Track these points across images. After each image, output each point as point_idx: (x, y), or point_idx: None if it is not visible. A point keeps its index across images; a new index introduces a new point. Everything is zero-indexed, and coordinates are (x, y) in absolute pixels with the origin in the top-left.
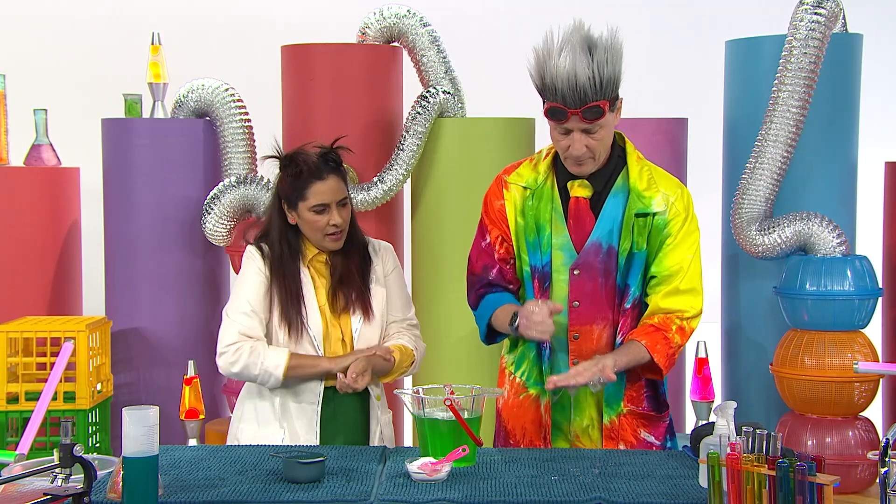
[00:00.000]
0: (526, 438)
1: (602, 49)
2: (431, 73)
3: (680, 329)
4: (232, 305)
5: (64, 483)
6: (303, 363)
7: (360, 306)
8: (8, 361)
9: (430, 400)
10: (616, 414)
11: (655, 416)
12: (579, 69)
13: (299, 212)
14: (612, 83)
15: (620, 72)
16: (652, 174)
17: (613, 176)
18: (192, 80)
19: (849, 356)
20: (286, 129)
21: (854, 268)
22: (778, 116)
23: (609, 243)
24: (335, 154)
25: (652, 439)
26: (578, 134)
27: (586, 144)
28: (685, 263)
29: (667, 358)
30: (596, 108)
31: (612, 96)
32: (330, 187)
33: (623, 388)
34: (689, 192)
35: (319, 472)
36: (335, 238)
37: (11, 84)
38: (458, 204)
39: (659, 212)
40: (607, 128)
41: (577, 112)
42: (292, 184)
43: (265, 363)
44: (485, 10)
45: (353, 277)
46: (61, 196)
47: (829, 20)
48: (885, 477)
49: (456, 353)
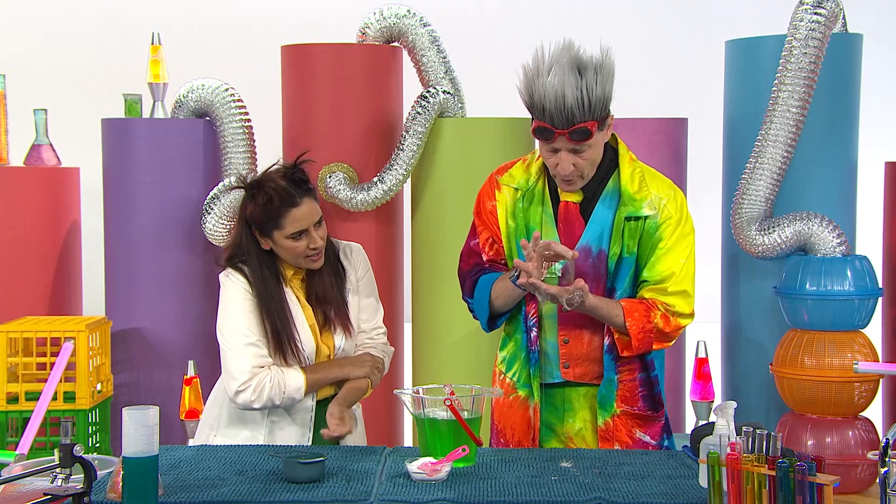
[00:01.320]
0: (515, 438)
1: (592, 70)
2: (431, 73)
3: (664, 316)
4: (231, 336)
5: (64, 483)
6: (318, 378)
7: (340, 323)
8: (8, 361)
9: (430, 400)
10: (610, 415)
11: (651, 415)
12: (567, 90)
13: (275, 239)
14: (600, 104)
15: (611, 92)
16: (644, 176)
17: (605, 179)
18: (192, 80)
19: (849, 356)
20: (286, 129)
21: (854, 268)
22: (778, 116)
23: (599, 247)
24: (301, 172)
25: (647, 439)
26: (566, 153)
27: (574, 163)
28: (677, 268)
29: (640, 331)
30: (583, 130)
31: (601, 116)
32: (305, 212)
33: (615, 390)
34: (682, 194)
35: (319, 472)
36: (314, 259)
37: (11, 84)
38: (458, 204)
39: (650, 215)
40: (596, 147)
41: (565, 133)
42: (264, 212)
43: (287, 391)
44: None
45: (330, 295)
46: (61, 196)
47: (829, 20)
48: (885, 477)
49: (456, 353)
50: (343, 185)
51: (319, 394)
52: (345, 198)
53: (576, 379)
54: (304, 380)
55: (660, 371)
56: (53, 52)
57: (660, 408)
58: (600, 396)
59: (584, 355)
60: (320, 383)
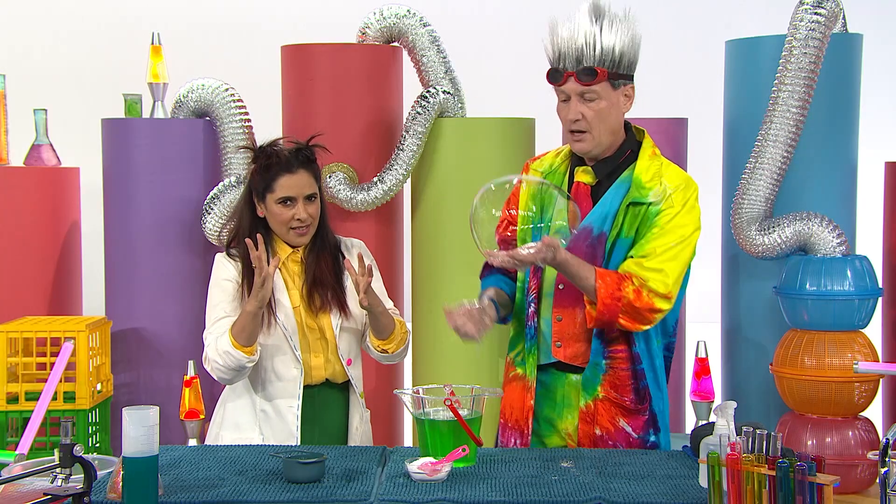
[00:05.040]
0: (513, 417)
1: (609, 19)
2: (431, 73)
3: (637, 290)
4: (207, 314)
5: (64, 483)
6: (235, 324)
7: (337, 304)
8: (8, 361)
9: (430, 400)
10: (592, 398)
11: (633, 407)
12: (580, 31)
13: (267, 204)
14: (612, 54)
15: (629, 52)
16: (661, 168)
17: (621, 168)
18: (192, 80)
19: (849, 356)
20: (286, 129)
21: (854, 268)
22: (778, 116)
23: (601, 229)
24: (308, 150)
25: (630, 430)
26: (575, 100)
27: (582, 112)
28: (662, 248)
29: (608, 296)
30: (590, 70)
31: (613, 69)
32: (298, 181)
33: (601, 374)
34: (695, 189)
35: (319, 472)
36: (299, 233)
37: (11, 84)
38: (458, 204)
39: (653, 202)
40: (606, 101)
41: (573, 74)
42: (262, 175)
43: (219, 345)
44: (485, 10)
45: (326, 277)
46: (61, 196)
47: (829, 20)
48: (885, 477)
49: (456, 353)
50: (343, 185)
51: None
52: (345, 198)
53: (567, 360)
54: (228, 333)
55: (657, 368)
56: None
57: (644, 401)
58: (584, 379)
59: (576, 335)
60: (238, 328)
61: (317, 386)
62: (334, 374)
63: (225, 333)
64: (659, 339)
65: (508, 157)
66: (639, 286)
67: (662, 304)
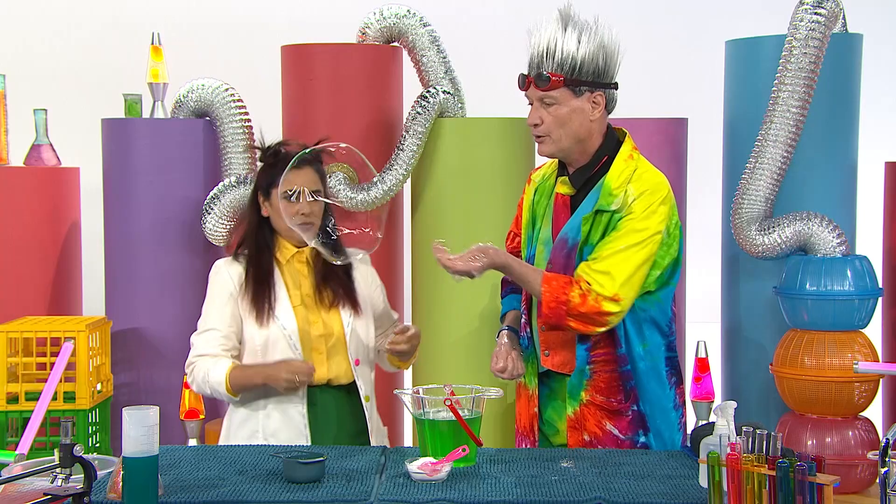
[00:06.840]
0: (521, 423)
1: (577, 29)
2: (431, 73)
3: (583, 295)
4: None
5: (64, 483)
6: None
7: (349, 300)
8: (8, 361)
9: (430, 400)
10: (578, 404)
11: (617, 408)
12: (544, 38)
13: (272, 201)
14: (573, 62)
15: (595, 59)
16: (634, 173)
17: (597, 175)
18: (192, 80)
19: (849, 356)
20: (286, 129)
21: (854, 268)
22: (778, 116)
23: (575, 239)
24: (315, 153)
25: (616, 432)
26: (536, 104)
27: (540, 116)
28: (610, 251)
29: (553, 300)
30: (545, 77)
31: (572, 76)
32: (302, 176)
33: (585, 379)
34: (662, 194)
35: (319, 472)
36: (305, 228)
37: (11, 84)
38: (458, 204)
39: (616, 210)
40: (567, 107)
41: (531, 79)
42: (268, 172)
43: (210, 381)
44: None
45: (336, 272)
46: (61, 196)
47: (829, 20)
48: (885, 477)
49: (456, 353)
50: (343, 185)
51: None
52: (345, 198)
53: (555, 368)
54: (225, 376)
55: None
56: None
57: (627, 402)
58: (570, 386)
59: (561, 343)
60: (240, 382)
61: (318, 387)
62: (338, 375)
63: (223, 371)
64: (646, 343)
65: (508, 157)
66: (585, 291)
67: (610, 306)
